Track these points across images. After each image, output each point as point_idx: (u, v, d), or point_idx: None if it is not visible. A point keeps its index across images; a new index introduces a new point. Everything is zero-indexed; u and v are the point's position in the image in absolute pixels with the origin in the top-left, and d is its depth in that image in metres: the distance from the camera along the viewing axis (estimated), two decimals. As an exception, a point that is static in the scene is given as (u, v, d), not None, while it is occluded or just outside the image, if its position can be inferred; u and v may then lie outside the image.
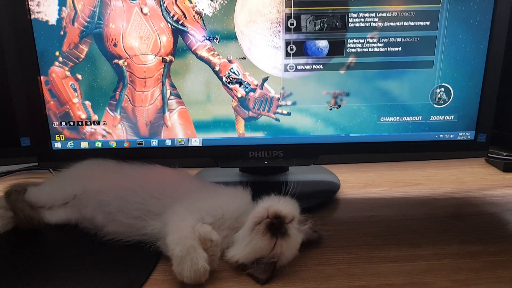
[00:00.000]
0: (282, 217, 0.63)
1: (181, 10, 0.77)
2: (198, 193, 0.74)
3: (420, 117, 0.85)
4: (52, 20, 0.78)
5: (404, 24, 0.79)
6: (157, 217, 0.69)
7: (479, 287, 0.60)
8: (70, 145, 0.85)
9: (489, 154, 0.96)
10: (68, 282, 0.62)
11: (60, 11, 0.77)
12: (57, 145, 0.85)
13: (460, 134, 0.87)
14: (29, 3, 0.76)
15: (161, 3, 0.77)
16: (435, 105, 0.84)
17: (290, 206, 0.66)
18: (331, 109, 0.84)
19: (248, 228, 0.64)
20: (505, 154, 1.03)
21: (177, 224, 0.63)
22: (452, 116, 0.85)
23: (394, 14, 0.78)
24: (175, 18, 0.78)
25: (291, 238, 0.64)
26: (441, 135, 0.87)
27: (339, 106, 0.84)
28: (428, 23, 0.79)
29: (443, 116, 0.85)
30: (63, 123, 0.84)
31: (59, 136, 0.84)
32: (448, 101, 0.84)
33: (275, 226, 0.63)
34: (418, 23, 0.79)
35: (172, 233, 0.62)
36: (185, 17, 0.78)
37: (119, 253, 0.68)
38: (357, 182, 1.01)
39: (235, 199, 0.71)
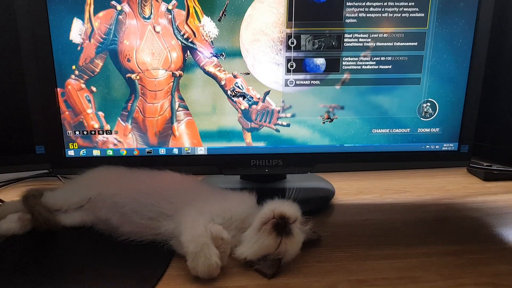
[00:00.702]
0: (287, 218, 0.69)
1: (191, 29, 0.84)
2: (207, 196, 0.79)
3: (408, 129, 0.92)
4: (71, 37, 0.83)
5: (394, 44, 0.87)
6: (169, 218, 0.74)
7: (463, 280, 0.66)
8: (83, 153, 0.90)
9: (471, 164, 1.04)
10: (86, 278, 0.66)
11: (78, 28, 0.83)
12: (71, 153, 0.90)
13: (445, 145, 0.94)
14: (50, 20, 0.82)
15: (173, 23, 0.84)
16: (422, 119, 0.92)
17: (293, 208, 0.72)
18: (324, 123, 0.91)
19: (255, 228, 0.70)
20: (485, 164, 1.11)
21: (190, 224, 0.69)
22: (438, 129, 0.93)
23: (385, 35, 0.86)
24: (185, 36, 0.84)
25: (295, 237, 0.70)
26: (427, 146, 0.94)
27: (331, 120, 0.91)
28: (416, 43, 0.87)
29: (429, 129, 0.93)
30: (77, 132, 0.89)
31: (73, 145, 0.90)
32: (433, 115, 0.92)
33: (281, 226, 0.68)
34: (407, 44, 0.87)
35: (186, 232, 0.67)
36: (195, 36, 0.84)
37: (134, 252, 0.73)
38: (350, 190, 1.08)
39: (242, 202, 0.77)
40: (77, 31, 0.83)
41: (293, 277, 0.67)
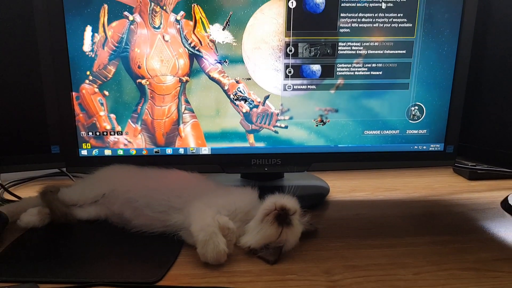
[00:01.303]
0: (287, 210, 0.76)
1: (198, 38, 0.91)
2: (213, 191, 0.86)
3: (398, 130, 0.99)
4: (85, 45, 0.90)
5: (384, 52, 0.94)
6: (178, 211, 0.80)
7: (448, 266, 0.73)
8: (95, 153, 0.97)
9: (456, 164, 1.11)
10: (105, 265, 0.73)
11: (92, 37, 0.90)
12: (84, 152, 0.96)
13: (432, 145, 1.01)
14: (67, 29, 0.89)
15: (181, 32, 0.90)
16: (410, 121, 0.99)
17: (293, 202, 0.79)
18: (317, 126, 0.98)
19: (258, 219, 0.77)
20: (470, 164, 1.19)
21: (199, 215, 0.75)
22: (425, 130, 1.00)
23: (376, 43, 0.93)
24: (192, 45, 0.91)
25: (294, 227, 0.76)
26: (415, 147, 1.01)
27: (324, 123, 0.98)
28: (404, 51, 0.94)
29: (417, 130, 1.00)
30: (90, 133, 0.95)
31: (86, 145, 0.96)
32: (421, 117, 0.99)
33: (282, 216, 0.75)
34: (396, 52, 0.94)
35: (195, 223, 0.74)
36: (201, 44, 0.91)
37: (146, 243, 0.80)
38: (343, 188, 1.15)
39: (245, 196, 0.84)
40: (91, 39, 0.89)
41: (293, 263, 0.74)
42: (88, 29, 0.89)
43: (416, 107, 0.98)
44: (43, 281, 0.66)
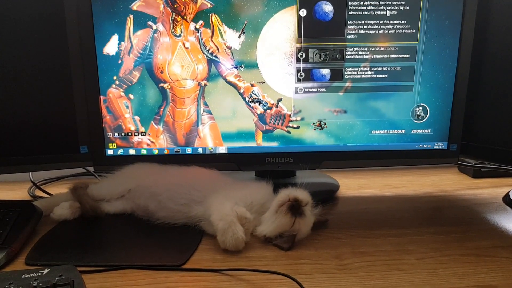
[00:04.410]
0: (300, 201, 0.82)
1: (215, 45, 0.98)
2: (231, 185, 0.92)
3: (403, 130, 1.05)
4: (113, 52, 0.98)
5: (390, 57, 1.00)
6: (199, 204, 0.87)
7: (450, 252, 0.79)
8: (121, 152, 1.04)
9: (460, 163, 1.16)
10: (134, 252, 0.79)
11: (119, 44, 0.97)
12: (110, 152, 1.04)
13: (436, 144, 1.07)
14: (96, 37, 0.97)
15: (200, 39, 0.98)
16: (415, 121, 1.05)
17: (305, 194, 0.85)
18: (315, 129, 1.04)
19: (273, 210, 0.83)
20: (474, 162, 1.24)
21: (218, 206, 0.81)
22: (429, 130, 1.06)
23: (381, 48, 1.00)
24: (210, 51, 0.98)
25: (307, 217, 0.82)
26: (420, 145, 1.07)
27: (322, 128, 1.04)
28: (408, 55, 1.00)
29: (421, 130, 1.05)
30: (116, 134, 1.03)
31: (112, 145, 1.03)
32: (425, 117, 1.05)
33: (295, 207, 0.81)
34: (401, 56, 1.00)
35: (215, 213, 0.80)
36: (218, 50, 0.99)
37: (169, 233, 0.86)
38: (352, 185, 1.21)
39: (261, 190, 0.90)
40: (118, 47, 0.97)
41: (305, 250, 0.80)
42: (115, 37, 0.97)
43: (421, 108, 1.04)
44: (78, 264, 0.70)
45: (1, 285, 0.58)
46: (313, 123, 1.04)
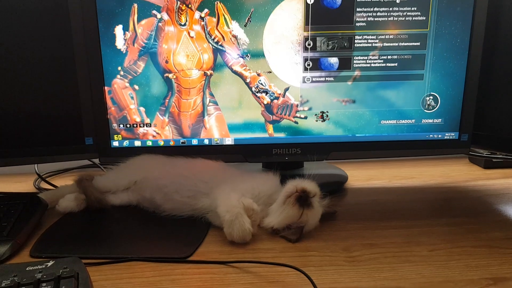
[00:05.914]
0: (308, 192, 0.80)
1: (221, 34, 0.96)
2: (238, 177, 0.91)
3: (413, 120, 1.03)
4: (117, 42, 0.96)
5: (399, 45, 0.98)
6: (205, 195, 0.86)
7: (462, 243, 0.77)
8: (126, 144, 1.03)
9: (472, 153, 1.14)
10: (140, 244, 0.78)
11: (124, 34, 0.96)
12: (115, 143, 1.03)
13: (447, 134, 1.05)
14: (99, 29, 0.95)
15: (205, 28, 0.96)
16: (425, 111, 1.03)
17: (313, 185, 0.83)
18: (317, 121, 1.03)
19: (280, 201, 0.81)
20: (485, 153, 1.22)
21: (225, 198, 0.80)
22: (440, 120, 1.04)
23: (391, 36, 0.98)
24: (215, 40, 0.97)
25: (315, 209, 0.81)
26: (431, 135, 1.05)
27: (324, 120, 1.02)
28: (418, 43, 0.98)
29: (432, 120, 1.04)
30: (121, 125, 1.02)
31: (117, 136, 1.02)
32: (436, 107, 1.03)
33: (302, 198, 0.79)
34: (411, 44, 0.98)
35: (222, 205, 0.79)
36: (224, 39, 0.97)
37: (176, 225, 0.85)
38: (361, 177, 1.19)
39: (268, 181, 0.88)
40: (122, 37, 0.96)
41: (313, 242, 0.79)
42: (119, 27, 0.95)
43: (431, 97, 1.02)
44: (83, 256, 0.70)
45: (6, 277, 0.57)
46: (315, 114, 1.02)
